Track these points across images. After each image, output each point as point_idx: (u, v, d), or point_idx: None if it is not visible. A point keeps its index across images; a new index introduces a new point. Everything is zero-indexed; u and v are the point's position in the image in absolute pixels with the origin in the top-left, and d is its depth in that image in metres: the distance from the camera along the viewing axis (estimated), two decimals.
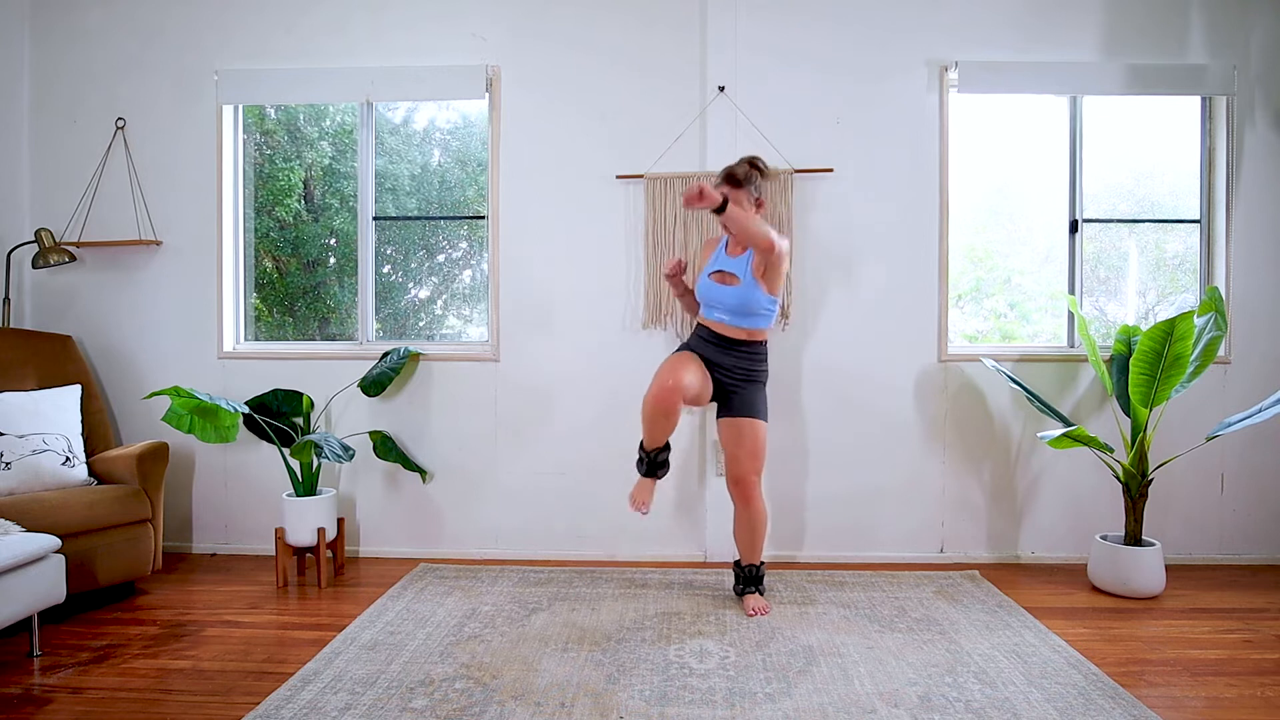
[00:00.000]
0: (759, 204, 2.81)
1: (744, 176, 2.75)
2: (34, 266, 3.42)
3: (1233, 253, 3.46)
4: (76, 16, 3.63)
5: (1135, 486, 3.12)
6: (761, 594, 2.91)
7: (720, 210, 2.53)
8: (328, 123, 3.84)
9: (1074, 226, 3.55)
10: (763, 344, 2.88)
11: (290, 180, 3.79)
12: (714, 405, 2.95)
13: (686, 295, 3.00)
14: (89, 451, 3.20)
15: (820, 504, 3.51)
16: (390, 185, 3.76)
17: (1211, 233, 3.53)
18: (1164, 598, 3.04)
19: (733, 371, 2.82)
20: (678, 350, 2.90)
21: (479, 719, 2.06)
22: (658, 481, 2.81)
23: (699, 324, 2.92)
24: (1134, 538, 3.12)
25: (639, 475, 2.79)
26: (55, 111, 3.64)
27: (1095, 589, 3.13)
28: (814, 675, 2.32)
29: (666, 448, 2.78)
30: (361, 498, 3.60)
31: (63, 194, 3.63)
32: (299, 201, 3.83)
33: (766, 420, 2.86)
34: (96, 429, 3.29)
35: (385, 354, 3.48)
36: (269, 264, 3.86)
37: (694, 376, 2.71)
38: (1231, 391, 3.47)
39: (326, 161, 3.82)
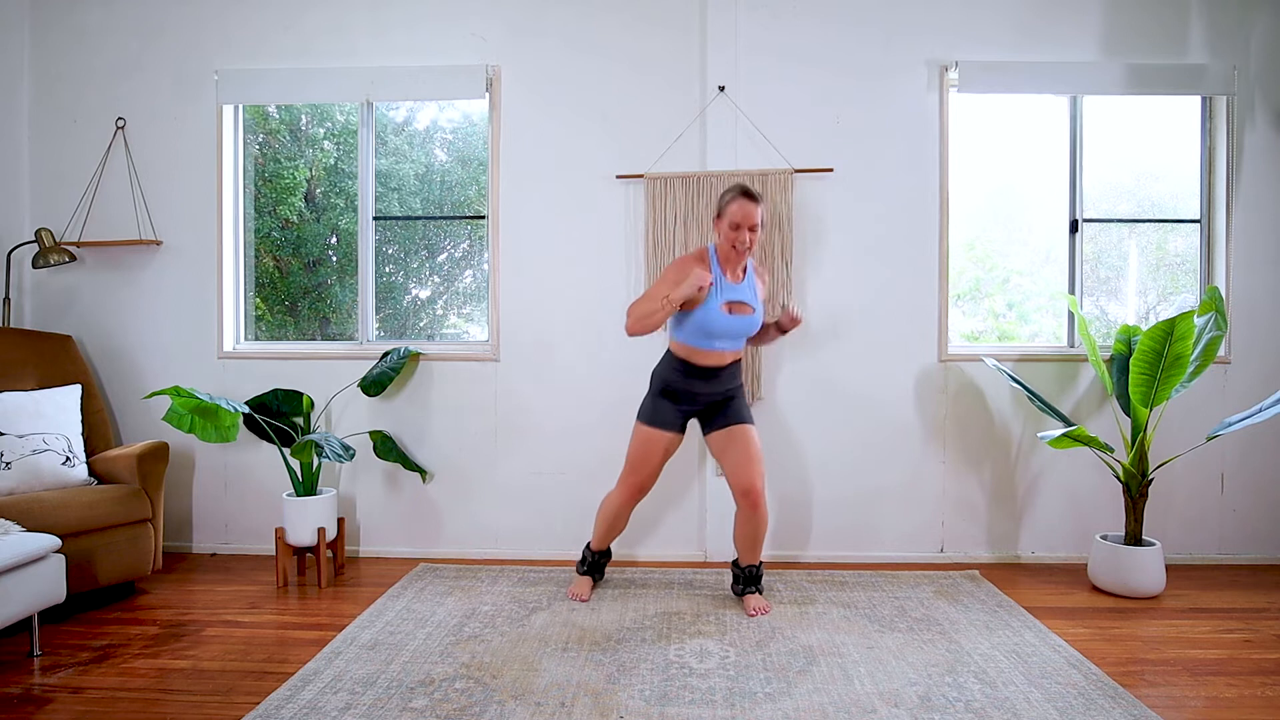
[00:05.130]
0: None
1: (759, 195, 2.70)
2: (34, 266, 3.42)
3: (1233, 252, 3.46)
4: (76, 16, 3.63)
5: (1135, 486, 3.12)
6: (761, 593, 2.91)
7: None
8: (331, 122, 3.84)
9: (1074, 226, 3.55)
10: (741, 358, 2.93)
11: (294, 179, 3.79)
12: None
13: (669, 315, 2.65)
14: (89, 451, 3.20)
15: (820, 504, 3.51)
16: (395, 185, 3.76)
17: (1211, 232, 3.53)
18: (1164, 598, 3.04)
19: (717, 393, 2.83)
20: (648, 415, 2.82)
21: (479, 719, 2.06)
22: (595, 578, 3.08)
23: (680, 361, 2.76)
24: (1134, 538, 3.12)
25: (577, 574, 3.07)
26: (55, 111, 3.64)
27: (1095, 589, 3.13)
28: (814, 675, 2.32)
29: (608, 554, 3.09)
30: (361, 498, 3.60)
31: (63, 194, 3.63)
32: (301, 200, 3.83)
33: (754, 423, 2.88)
34: (96, 429, 3.29)
35: (385, 354, 3.48)
36: (270, 264, 3.86)
37: (659, 468, 2.87)
38: (1231, 391, 3.47)
39: (331, 161, 3.82)
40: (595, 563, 3.06)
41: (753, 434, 2.82)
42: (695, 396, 2.81)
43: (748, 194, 2.66)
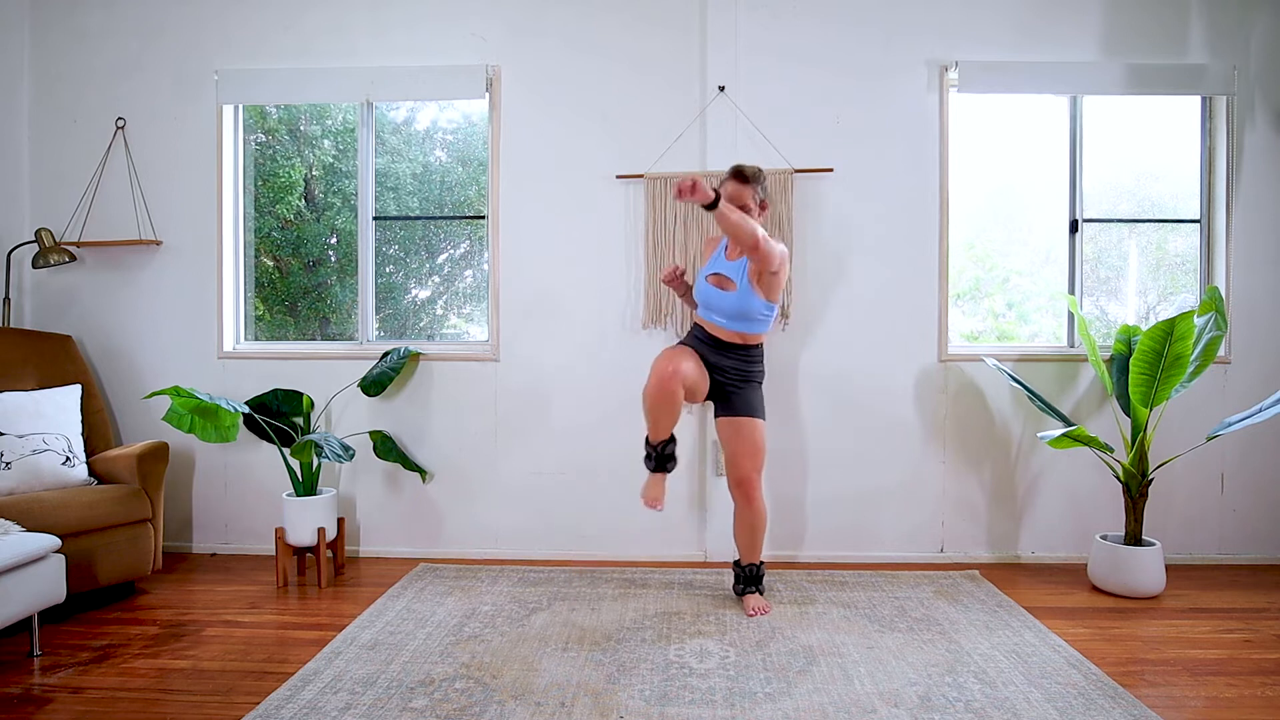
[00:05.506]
0: (763, 205, 2.82)
1: (752, 175, 2.76)
2: (34, 266, 3.42)
3: (1233, 252, 3.46)
4: (76, 16, 3.63)
5: (1135, 486, 3.12)
6: (761, 593, 2.91)
7: (711, 207, 2.48)
8: (330, 121, 3.84)
9: (1074, 226, 3.55)
10: (759, 346, 2.89)
11: (292, 177, 3.79)
12: (710, 404, 2.96)
13: (688, 294, 3.03)
14: (89, 451, 3.20)
15: (820, 504, 3.51)
16: (393, 185, 3.76)
17: (1211, 232, 3.53)
18: (1164, 598, 3.04)
19: (729, 372, 2.82)
20: (673, 346, 2.90)
21: (479, 719, 2.06)
22: (668, 476, 2.80)
23: (695, 324, 2.92)
24: (1134, 538, 3.12)
25: (648, 471, 2.80)
26: (55, 111, 3.64)
27: (1095, 589, 3.13)
28: (814, 675, 2.32)
29: (672, 440, 2.76)
30: (361, 498, 3.60)
31: (63, 194, 3.63)
32: (300, 199, 3.83)
33: (764, 419, 2.87)
34: (96, 429, 3.29)
35: (385, 354, 3.48)
36: (270, 264, 3.86)
37: (691, 365, 2.71)
38: (1231, 391, 3.47)
39: (329, 160, 3.82)
40: (660, 454, 2.76)
41: (758, 428, 2.82)
42: (708, 362, 2.81)
43: (738, 175, 2.75)
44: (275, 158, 3.83)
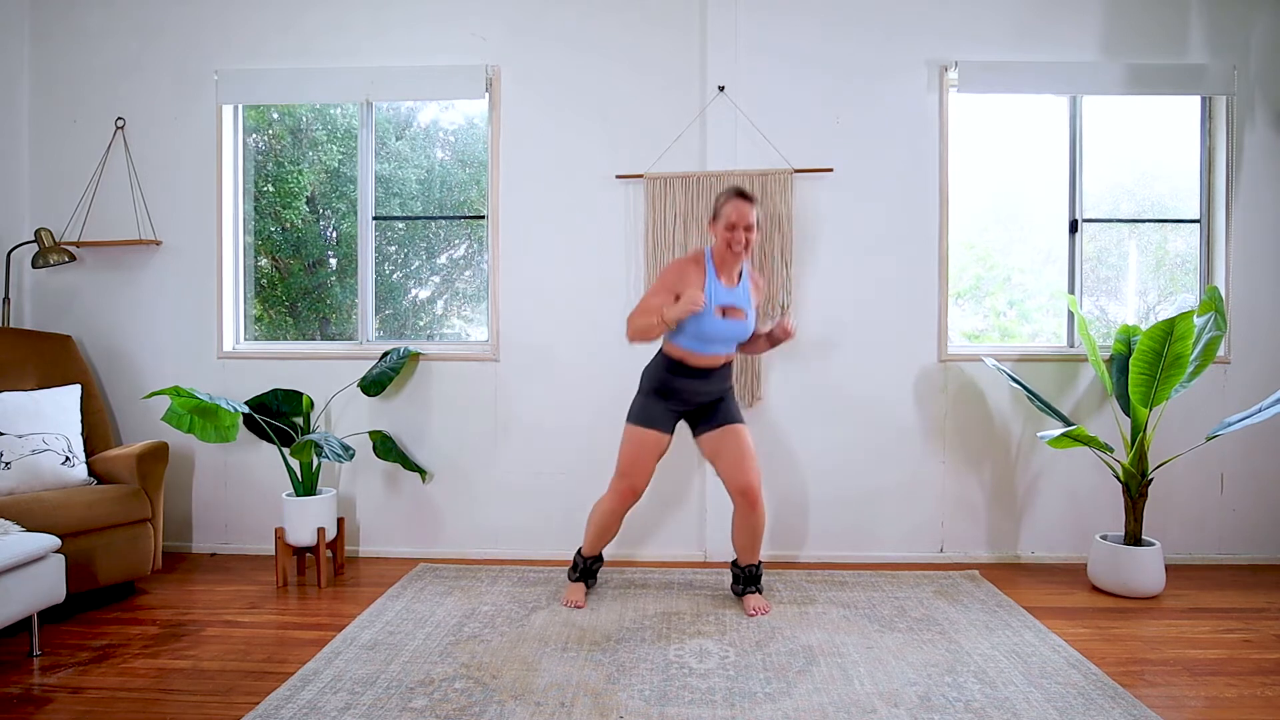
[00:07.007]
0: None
1: (754, 196, 2.75)
2: (34, 266, 3.42)
3: (1233, 253, 3.46)
4: (76, 16, 3.63)
5: (1135, 486, 3.12)
6: (761, 593, 2.91)
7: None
8: (333, 127, 3.84)
9: (1074, 226, 3.55)
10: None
11: (299, 183, 3.79)
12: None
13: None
14: (89, 451, 3.20)
15: (820, 504, 3.51)
16: (396, 190, 3.75)
17: (1211, 232, 3.53)
18: (1164, 598, 3.04)
19: (709, 393, 2.83)
20: (639, 415, 2.81)
21: (479, 719, 2.06)
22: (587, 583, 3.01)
23: (674, 362, 2.76)
24: (1134, 538, 3.12)
25: (569, 580, 3.01)
26: (55, 111, 3.64)
27: (1095, 589, 3.13)
28: (814, 675, 2.32)
29: (600, 559, 3.03)
30: (361, 498, 3.60)
31: (63, 194, 3.63)
32: (304, 204, 3.83)
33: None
34: (96, 429, 3.29)
35: (385, 354, 3.48)
36: (270, 264, 3.86)
37: (651, 470, 2.83)
38: (1231, 391, 3.47)
39: (335, 165, 3.81)
40: (587, 569, 3.00)
41: (746, 433, 2.82)
42: (687, 397, 2.81)
43: (742, 194, 2.70)
44: (282, 163, 3.82)
